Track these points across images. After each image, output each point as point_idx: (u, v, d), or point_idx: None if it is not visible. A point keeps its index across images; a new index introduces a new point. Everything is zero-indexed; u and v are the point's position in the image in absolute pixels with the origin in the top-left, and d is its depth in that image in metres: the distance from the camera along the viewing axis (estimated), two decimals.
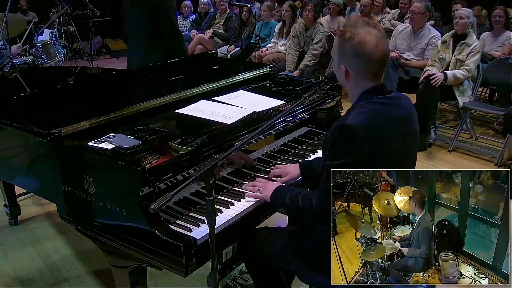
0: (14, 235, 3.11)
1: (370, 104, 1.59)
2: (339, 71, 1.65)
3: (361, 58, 1.56)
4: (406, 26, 5.24)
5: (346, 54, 1.59)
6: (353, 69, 1.60)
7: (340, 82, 1.71)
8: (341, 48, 1.61)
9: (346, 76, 1.63)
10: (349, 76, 1.62)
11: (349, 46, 1.57)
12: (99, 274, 2.65)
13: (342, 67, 1.62)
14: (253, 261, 1.93)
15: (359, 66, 1.59)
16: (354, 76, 1.61)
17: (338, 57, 1.63)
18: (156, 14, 3.38)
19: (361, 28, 1.56)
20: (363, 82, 1.62)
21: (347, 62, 1.60)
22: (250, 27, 7.02)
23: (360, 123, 1.52)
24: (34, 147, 1.98)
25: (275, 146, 2.22)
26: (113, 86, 2.58)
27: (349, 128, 1.52)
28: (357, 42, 1.55)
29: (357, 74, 1.60)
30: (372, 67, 1.59)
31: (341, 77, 1.66)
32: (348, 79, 1.63)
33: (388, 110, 1.59)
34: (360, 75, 1.61)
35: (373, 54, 1.56)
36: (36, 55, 5.78)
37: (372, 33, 1.56)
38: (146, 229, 1.58)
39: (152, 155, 1.75)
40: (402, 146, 1.61)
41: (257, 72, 2.83)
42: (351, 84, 1.65)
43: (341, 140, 1.54)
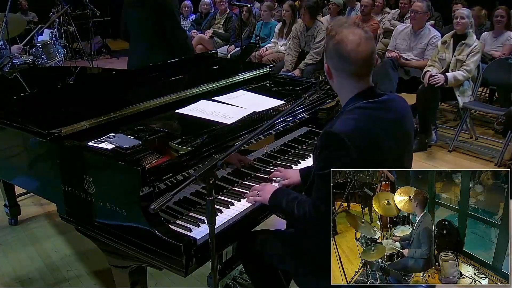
0: (14, 235, 3.11)
1: (359, 109, 1.56)
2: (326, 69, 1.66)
3: (341, 57, 1.55)
4: (406, 26, 5.24)
5: (329, 52, 1.59)
6: (333, 67, 1.60)
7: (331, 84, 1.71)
8: (326, 46, 1.62)
9: (328, 75, 1.63)
10: (331, 75, 1.63)
11: (331, 44, 1.57)
12: (99, 274, 2.65)
13: (325, 65, 1.63)
14: (252, 262, 1.93)
15: (339, 65, 1.58)
16: (335, 75, 1.61)
17: (325, 55, 1.64)
18: (159, 14, 3.37)
19: (345, 28, 1.55)
20: (347, 83, 1.60)
21: (329, 61, 1.61)
22: (250, 27, 7.02)
23: (347, 130, 1.50)
24: (34, 147, 1.98)
25: (275, 146, 2.22)
26: (113, 86, 2.58)
27: (335, 136, 1.50)
28: (338, 41, 1.54)
29: (338, 73, 1.60)
30: (352, 67, 1.56)
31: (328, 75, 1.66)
32: (330, 78, 1.64)
33: (378, 114, 1.57)
34: (340, 75, 1.60)
35: (352, 54, 1.53)
36: (36, 55, 5.78)
37: (355, 32, 1.54)
38: (146, 229, 1.58)
39: (152, 155, 1.75)
40: (395, 149, 1.60)
41: (257, 72, 2.83)
42: (335, 85, 1.65)
43: (329, 147, 1.53)
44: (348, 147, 1.48)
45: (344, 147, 1.48)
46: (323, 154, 1.55)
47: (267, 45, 6.46)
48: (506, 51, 5.19)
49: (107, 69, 4.18)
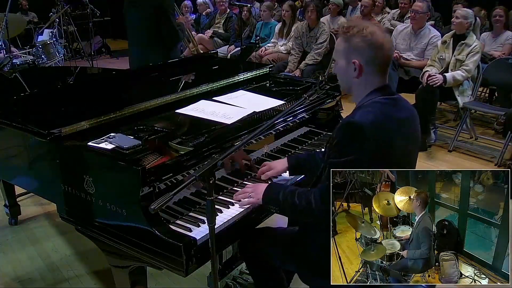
0: (14, 235, 3.11)
1: (376, 103, 1.59)
2: (348, 69, 1.63)
3: (374, 48, 1.57)
4: (406, 26, 5.24)
5: (358, 48, 1.58)
6: (366, 62, 1.59)
7: (346, 84, 1.69)
8: (350, 45, 1.60)
9: (359, 71, 1.60)
10: (362, 71, 1.60)
11: (359, 40, 1.57)
12: (99, 274, 2.65)
13: (356, 62, 1.59)
14: (254, 260, 1.94)
15: (373, 57, 1.58)
16: (367, 70, 1.60)
17: (347, 54, 1.61)
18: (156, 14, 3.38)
19: (364, 24, 1.60)
20: (371, 78, 1.61)
21: (360, 56, 1.59)
22: (250, 27, 7.02)
23: (367, 121, 1.51)
24: (34, 147, 1.98)
25: (275, 146, 2.22)
26: (113, 86, 2.58)
27: (356, 125, 1.52)
28: (369, 33, 1.56)
29: (369, 67, 1.60)
30: (385, 58, 1.60)
31: (350, 75, 1.63)
32: (360, 75, 1.61)
33: (393, 111, 1.59)
34: (373, 69, 1.60)
35: (385, 43, 1.59)
36: (36, 55, 5.78)
37: (377, 26, 1.61)
38: (146, 229, 1.58)
39: (152, 155, 1.75)
40: (405, 147, 1.61)
41: (257, 72, 2.83)
42: (361, 81, 1.62)
43: (348, 137, 1.54)
44: (367, 138, 1.49)
45: (363, 138, 1.50)
46: (341, 143, 1.55)
47: (267, 45, 6.46)
48: (506, 51, 5.19)
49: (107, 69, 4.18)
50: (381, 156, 1.52)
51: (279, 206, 1.71)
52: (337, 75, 1.72)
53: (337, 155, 1.55)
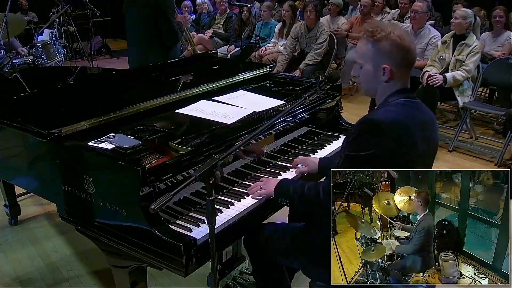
0: (14, 235, 3.11)
1: (399, 105, 1.59)
2: (376, 74, 1.61)
3: (403, 51, 1.57)
4: (406, 26, 5.23)
5: (387, 52, 1.57)
6: (396, 65, 1.59)
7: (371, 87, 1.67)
8: (378, 49, 1.58)
9: (390, 76, 1.59)
10: (393, 75, 1.59)
11: (388, 44, 1.57)
12: (99, 274, 2.65)
13: (386, 67, 1.58)
14: (258, 255, 1.95)
15: (402, 61, 1.58)
16: (397, 74, 1.60)
17: (375, 59, 1.60)
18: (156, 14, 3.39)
19: (390, 27, 1.59)
20: (397, 81, 1.61)
21: (390, 60, 1.58)
22: (250, 27, 7.02)
23: (386, 119, 1.53)
24: (34, 147, 1.99)
25: (275, 146, 2.22)
26: (113, 86, 2.58)
27: (375, 122, 1.53)
28: (397, 36, 1.56)
29: (401, 71, 1.60)
30: (412, 61, 1.62)
31: (378, 79, 1.62)
32: (390, 79, 1.60)
33: (416, 113, 1.59)
34: (401, 72, 1.60)
35: (412, 46, 1.60)
36: (36, 55, 5.78)
37: (402, 28, 1.62)
38: (146, 229, 1.58)
39: (152, 155, 1.75)
40: (424, 151, 1.60)
41: (257, 72, 2.83)
42: (388, 85, 1.62)
43: (366, 133, 1.54)
44: (385, 135, 1.50)
45: (381, 135, 1.51)
46: (359, 139, 1.56)
47: (267, 45, 6.46)
48: (506, 51, 5.20)
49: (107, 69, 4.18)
50: (400, 155, 1.52)
51: (290, 197, 1.77)
52: (361, 78, 1.70)
53: (357, 148, 1.55)
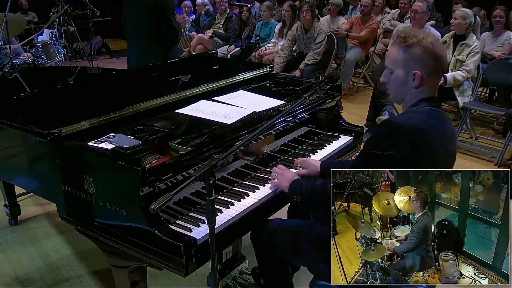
0: (14, 235, 3.11)
1: (423, 113, 1.59)
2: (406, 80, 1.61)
3: (436, 59, 1.57)
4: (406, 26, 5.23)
5: (419, 58, 1.57)
6: (428, 72, 1.59)
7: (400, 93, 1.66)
8: (410, 55, 1.59)
9: (420, 82, 1.59)
10: (423, 81, 1.59)
11: (420, 50, 1.57)
12: (99, 274, 2.65)
13: (417, 73, 1.58)
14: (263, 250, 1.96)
15: (434, 67, 1.59)
16: (427, 80, 1.60)
17: (407, 65, 1.60)
18: (155, 13, 3.38)
19: (422, 34, 1.60)
20: (426, 88, 1.61)
21: (421, 67, 1.58)
22: (250, 27, 7.02)
23: (408, 124, 1.54)
24: (34, 147, 1.98)
25: (275, 146, 2.22)
26: (113, 86, 2.58)
27: (395, 124, 1.55)
28: (430, 43, 1.56)
29: (431, 77, 1.60)
30: (443, 69, 1.63)
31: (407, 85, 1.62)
32: (420, 85, 1.60)
33: (439, 124, 1.60)
34: (433, 78, 1.61)
35: (444, 53, 1.60)
36: (36, 55, 5.78)
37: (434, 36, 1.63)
38: (146, 229, 1.58)
39: (152, 155, 1.75)
40: (443, 162, 1.60)
41: (257, 72, 2.83)
42: (417, 92, 1.62)
43: (386, 133, 1.56)
44: (402, 139, 1.51)
45: (399, 137, 1.52)
46: (377, 138, 1.58)
47: (267, 45, 6.46)
48: (506, 51, 5.20)
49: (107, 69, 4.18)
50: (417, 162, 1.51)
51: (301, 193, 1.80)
52: (390, 83, 1.69)
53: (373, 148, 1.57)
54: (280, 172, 1.95)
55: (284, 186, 1.87)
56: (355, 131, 2.55)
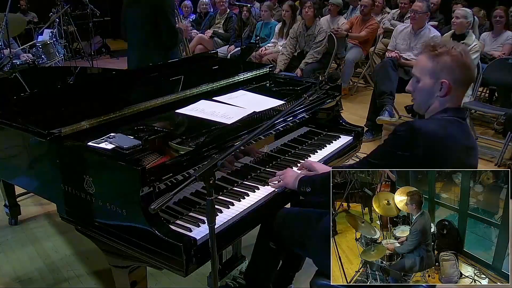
0: (14, 235, 3.11)
1: (446, 121, 1.59)
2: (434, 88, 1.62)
3: (463, 67, 1.58)
4: (406, 26, 5.24)
5: (448, 67, 1.59)
6: (455, 81, 1.59)
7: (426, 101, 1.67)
8: (439, 63, 1.60)
9: (447, 91, 1.60)
10: (451, 90, 1.60)
11: (449, 59, 1.58)
12: (99, 274, 2.65)
13: (445, 82, 1.59)
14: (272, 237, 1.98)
15: (462, 77, 1.59)
16: (454, 90, 1.60)
17: (435, 73, 1.61)
18: (155, 14, 3.38)
19: (452, 43, 1.62)
20: (452, 98, 1.62)
21: (449, 76, 1.59)
22: (250, 27, 7.02)
23: (426, 128, 1.54)
24: (34, 147, 1.98)
25: (275, 146, 2.22)
26: (113, 86, 2.58)
27: (414, 128, 1.54)
28: (459, 53, 1.58)
29: (459, 87, 1.61)
30: (471, 80, 1.64)
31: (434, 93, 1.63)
32: (447, 94, 1.61)
33: (460, 135, 1.59)
34: (460, 88, 1.62)
35: (472, 64, 1.62)
36: (36, 55, 5.78)
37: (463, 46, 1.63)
38: (146, 229, 1.58)
39: (152, 155, 1.75)
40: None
41: (257, 72, 2.83)
42: (442, 100, 1.62)
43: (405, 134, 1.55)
44: (418, 142, 1.51)
45: (414, 139, 1.52)
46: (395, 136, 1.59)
47: (267, 45, 6.46)
48: (506, 51, 5.20)
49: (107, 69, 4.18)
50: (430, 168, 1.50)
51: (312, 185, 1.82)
52: (416, 92, 1.70)
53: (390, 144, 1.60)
54: (282, 173, 1.96)
55: (290, 182, 1.89)
56: (355, 131, 2.55)
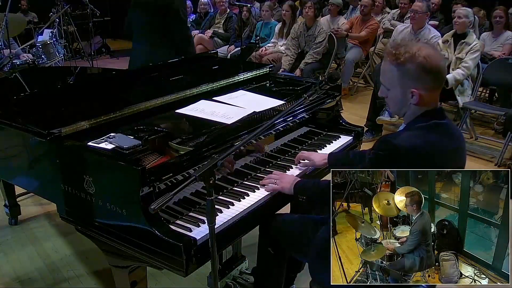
0: (14, 235, 3.11)
1: (424, 129, 1.53)
2: (405, 97, 1.55)
3: (432, 74, 1.50)
4: (406, 26, 5.24)
5: (415, 76, 1.50)
6: (425, 89, 1.51)
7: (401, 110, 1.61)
8: (404, 72, 1.51)
9: (419, 100, 1.52)
10: (422, 99, 1.52)
11: (414, 67, 1.49)
12: (99, 274, 2.66)
13: (415, 91, 1.51)
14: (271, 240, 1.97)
15: (432, 83, 1.51)
16: (427, 96, 1.53)
17: (403, 83, 1.53)
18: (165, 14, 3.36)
19: (415, 47, 1.50)
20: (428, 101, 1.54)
21: (418, 84, 1.51)
22: (250, 27, 7.02)
23: (408, 145, 1.49)
24: (34, 147, 1.98)
25: (275, 146, 2.22)
26: (113, 86, 2.58)
27: (394, 147, 1.49)
28: (423, 58, 1.48)
29: (430, 93, 1.53)
30: (442, 80, 1.55)
31: (407, 102, 1.56)
32: (420, 103, 1.53)
33: (444, 141, 1.53)
34: (431, 94, 1.53)
35: (440, 66, 1.51)
36: (36, 55, 5.78)
37: (428, 46, 1.52)
38: (146, 229, 1.58)
39: (152, 155, 1.75)
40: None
41: (257, 72, 2.83)
42: (417, 108, 1.56)
43: (383, 154, 1.52)
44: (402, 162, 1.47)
45: (397, 160, 1.48)
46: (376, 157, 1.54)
47: (267, 45, 6.46)
48: (506, 51, 5.20)
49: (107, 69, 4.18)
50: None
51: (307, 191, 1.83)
52: (389, 101, 1.64)
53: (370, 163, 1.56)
54: (277, 177, 1.94)
55: (286, 188, 1.88)
56: (355, 131, 2.55)
